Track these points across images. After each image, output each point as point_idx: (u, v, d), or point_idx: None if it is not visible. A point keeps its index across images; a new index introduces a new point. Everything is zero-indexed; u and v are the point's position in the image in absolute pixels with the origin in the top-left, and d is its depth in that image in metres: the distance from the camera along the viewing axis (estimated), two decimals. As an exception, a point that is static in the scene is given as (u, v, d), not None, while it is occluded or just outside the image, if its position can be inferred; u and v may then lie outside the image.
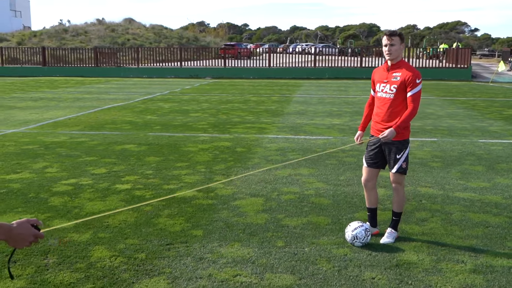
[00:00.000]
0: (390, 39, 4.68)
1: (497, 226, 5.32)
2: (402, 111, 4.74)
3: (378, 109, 4.90)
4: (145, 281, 4.03)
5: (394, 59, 4.76)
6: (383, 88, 4.82)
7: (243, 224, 5.34)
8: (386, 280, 4.07)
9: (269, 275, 4.16)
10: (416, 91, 4.71)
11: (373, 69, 5.19)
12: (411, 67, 4.80)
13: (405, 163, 4.83)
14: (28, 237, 2.08)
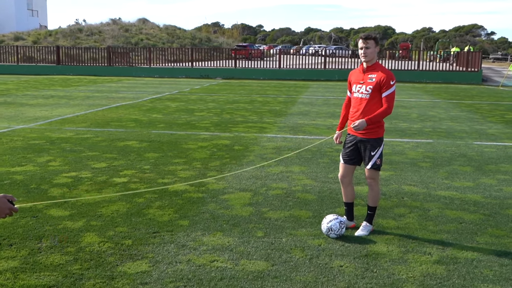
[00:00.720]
0: (366, 42, 4.95)
1: (470, 222, 5.56)
2: (376, 111, 5.00)
3: (354, 109, 5.16)
4: (128, 264, 4.35)
5: (369, 61, 5.03)
6: (359, 89, 5.09)
7: (228, 216, 5.64)
8: (352, 268, 4.35)
9: (244, 261, 4.45)
10: (390, 92, 4.97)
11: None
12: (385, 69, 5.06)
13: (379, 159, 5.09)
14: (4, 210, 2.39)
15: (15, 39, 47.81)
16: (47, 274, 4.13)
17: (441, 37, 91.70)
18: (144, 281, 4.04)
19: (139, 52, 35.78)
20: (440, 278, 4.19)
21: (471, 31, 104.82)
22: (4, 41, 46.36)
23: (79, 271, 4.20)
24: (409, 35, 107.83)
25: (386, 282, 4.10)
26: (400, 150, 9.46)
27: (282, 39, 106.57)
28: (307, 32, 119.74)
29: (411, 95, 21.33)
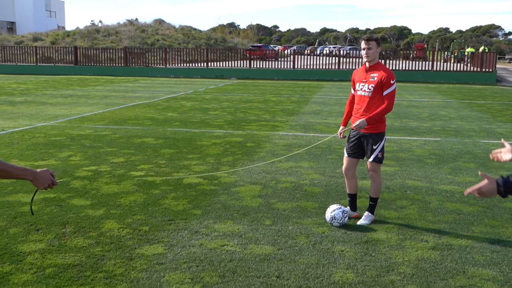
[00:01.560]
0: (368, 43, 5.27)
1: (468, 213, 5.85)
2: (378, 108, 5.32)
3: (357, 105, 5.50)
4: (146, 247, 4.73)
5: (371, 61, 5.35)
6: (362, 87, 5.42)
7: (239, 206, 6.00)
8: (353, 253, 4.68)
9: (252, 246, 4.81)
10: (391, 90, 5.29)
11: (399, 72, 5.77)
12: (386, 69, 5.38)
13: (380, 153, 5.41)
14: (47, 181, 2.79)
15: (33, 39, 48.72)
16: (72, 255, 4.53)
17: (458, 37, 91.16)
18: (160, 262, 4.42)
19: (155, 53, 36.33)
20: (434, 262, 4.50)
21: (488, 31, 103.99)
22: (23, 42, 47.30)
23: (101, 253, 4.58)
24: (425, 35, 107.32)
25: (383, 265, 4.42)
26: (407, 148, 9.74)
27: (297, 40, 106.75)
28: (322, 32, 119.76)
29: (424, 95, 21.51)
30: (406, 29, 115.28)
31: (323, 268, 4.34)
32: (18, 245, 4.74)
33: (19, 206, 5.88)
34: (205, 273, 4.21)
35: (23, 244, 4.76)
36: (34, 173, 2.78)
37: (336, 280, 4.13)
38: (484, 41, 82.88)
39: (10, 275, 4.13)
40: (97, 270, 4.24)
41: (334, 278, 4.16)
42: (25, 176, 2.77)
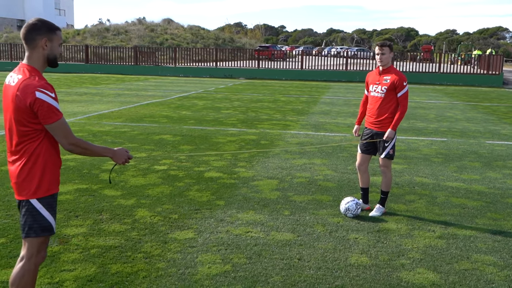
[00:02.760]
0: (381, 49, 5.73)
1: (472, 208, 6.29)
2: (390, 108, 5.77)
3: (370, 106, 5.94)
4: (177, 233, 5.20)
5: (385, 65, 5.80)
6: (375, 88, 5.87)
7: (258, 198, 6.46)
8: (366, 240, 5.13)
9: (274, 233, 5.27)
10: (404, 91, 5.74)
11: (406, 73, 6.23)
12: (398, 72, 5.82)
13: (392, 150, 5.86)
14: (124, 157, 3.33)
15: (44, 38, 49.31)
16: (111, 238, 5.00)
17: (465, 39, 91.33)
18: (191, 245, 4.88)
19: (164, 52, 36.85)
20: (440, 249, 4.95)
21: (495, 33, 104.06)
22: (35, 40, 47.90)
23: (137, 237, 5.05)
24: (432, 37, 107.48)
25: (394, 251, 4.87)
26: (415, 147, 10.17)
27: (304, 40, 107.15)
28: (329, 33, 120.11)
29: (431, 97, 21.91)
30: (413, 30, 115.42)
31: (339, 253, 4.79)
32: (62, 229, 5.21)
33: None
34: (234, 255, 4.67)
35: (66, 228, 5.23)
36: (113, 151, 3.29)
37: (352, 263, 4.58)
38: (491, 43, 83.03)
39: (60, 254, 4.60)
40: (136, 251, 4.71)
41: (350, 261, 4.61)
42: (107, 153, 3.27)
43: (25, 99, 2.98)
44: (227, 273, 4.31)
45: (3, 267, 4.33)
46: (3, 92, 3.18)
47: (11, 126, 3.12)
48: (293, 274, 4.33)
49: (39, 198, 3.14)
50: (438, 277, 4.35)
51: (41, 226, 3.16)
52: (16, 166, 3.13)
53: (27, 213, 3.15)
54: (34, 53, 3.12)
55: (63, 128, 3.07)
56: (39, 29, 3.11)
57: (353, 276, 4.31)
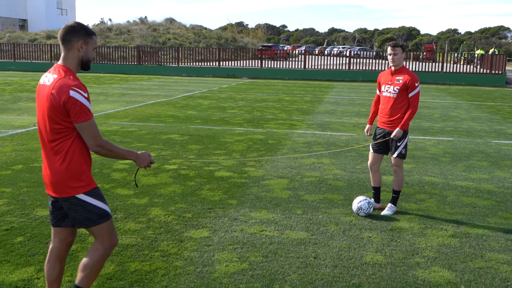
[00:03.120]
0: (394, 50, 5.76)
1: (483, 207, 6.33)
2: (402, 108, 5.81)
3: (382, 105, 5.99)
4: (192, 231, 5.24)
5: (397, 66, 5.84)
6: (387, 88, 5.91)
7: (270, 197, 6.50)
8: (379, 239, 5.17)
9: (288, 231, 5.31)
10: (416, 92, 5.78)
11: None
12: (411, 73, 5.86)
13: (404, 149, 5.90)
14: (146, 161, 3.38)
15: (47, 37, 49.40)
16: (128, 237, 5.04)
17: (467, 39, 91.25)
18: (207, 244, 4.93)
19: (167, 52, 36.88)
20: (454, 248, 4.99)
21: (497, 33, 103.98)
22: (37, 39, 48.00)
23: (153, 235, 5.10)
24: (434, 36, 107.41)
25: (408, 249, 4.92)
26: (422, 147, 10.21)
27: (306, 40, 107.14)
28: (330, 32, 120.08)
29: (435, 96, 21.94)
30: (414, 30, 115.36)
31: (354, 251, 4.84)
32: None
33: (69, 194, 6.41)
34: (250, 254, 4.71)
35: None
36: (137, 155, 3.33)
37: (368, 261, 4.62)
38: (493, 42, 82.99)
39: (78, 252, 4.65)
40: (153, 249, 4.76)
41: (366, 260, 4.65)
42: (130, 156, 3.31)
43: (60, 97, 3.05)
44: (245, 271, 4.35)
45: (23, 265, 4.37)
46: (38, 92, 3.25)
47: (45, 125, 3.18)
48: (309, 272, 4.38)
49: (86, 192, 3.24)
50: (454, 275, 4.39)
51: (97, 215, 3.28)
52: (52, 165, 3.19)
53: (78, 207, 3.24)
54: (70, 54, 3.21)
55: (92, 128, 3.13)
56: (77, 31, 3.20)
57: (370, 275, 4.35)
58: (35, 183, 6.91)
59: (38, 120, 3.26)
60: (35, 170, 7.60)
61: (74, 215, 3.26)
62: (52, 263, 3.47)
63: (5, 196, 6.30)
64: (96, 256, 3.33)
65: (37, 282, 4.08)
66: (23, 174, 7.37)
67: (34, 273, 4.24)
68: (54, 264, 3.48)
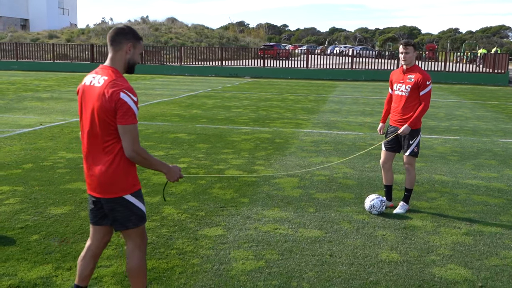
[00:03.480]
0: (405, 48, 5.77)
1: (495, 205, 6.34)
2: (414, 106, 5.82)
3: (395, 104, 5.99)
4: (206, 229, 5.25)
5: (408, 64, 5.85)
6: (399, 87, 5.91)
7: (281, 196, 6.52)
8: (394, 237, 5.18)
9: (302, 229, 5.32)
10: (427, 90, 5.79)
11: None
12: (422, 71, 5.86)
13: (416, 147, 5.91)
14: (177, 175, 3.34)
15: (49, 37, 49.45)
16: (143, 235, 5.05)
17: (468, 38, 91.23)
18: (222, 242, 4.94)
19: (169, 51, 36.89)
20: (468, 245, 5.00)
21: (498, 32, 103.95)
22: (39, 39, 48.03)
23: (168, 234, 5.11)
24: (435, 35, 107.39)
25: (423, 247, 4.93)
26: (429, 145, 10.21)
27: (307, 39, 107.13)
28: (331, 32, 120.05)
29: (438, 95, 21.93)
30: (415, 29, 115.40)
31: (369, 249, 4.85)
32: (92, 226, 5.26)
33: (81, 193, 6.43)
34: (266, 251, 4.73)
35: (96, 225, 5.28)
36: (169, 168, 3.32)
37: (383, 259, 4.63)
38: (495, 42, 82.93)
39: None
40: (169, 247, 4.77)
41: (381, 257, 4.67)
42: (162, 169, 3.30)
43: (111, 98, 3.07)
44: (262, 269, 4.36)
45: (40, 263, 4.39)
46: (84, 93, 3.24)
47: (93, 126, 3.18)
48: (326, 270, 4.39)
49: (132, 193, 3.26)
50: (470, 272, 4.40)
51: (138, 217, 3.31)
52: (102, 165, 3.19)
53: (122, 208, 3.26)
54: (118, 56, 3.24)
55: (134, 134, 3.12)
56: (127, 34, 3.24)
57: (386, 272, 4.37)
58: (47, 181, 6.93)
59: (83, 120, 3.25)
60: (45, 169, 7.62)
61: (116, 215, 3.27)
62: (88, 260, 3.50)
63: (17, 194, 6.32)
64: (137, 259, 3.37)
65: (55, 279, 4.10)
66: (34, 173, 7.39)
67: (52, 270, 4.25)
68: (89, 261, 3.50)
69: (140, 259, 3.38)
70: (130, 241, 3.37)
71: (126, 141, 3.12)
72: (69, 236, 5.01)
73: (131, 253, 3.38)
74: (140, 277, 3.41)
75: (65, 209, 5.80)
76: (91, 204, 3.40)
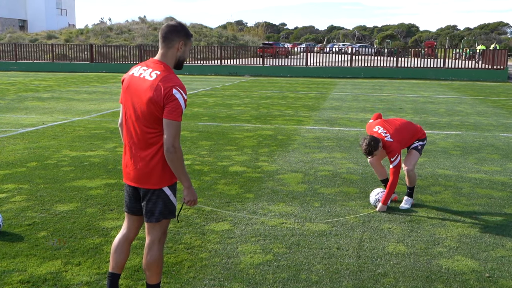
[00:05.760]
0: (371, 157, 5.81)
1: (499, 198, 6.37)
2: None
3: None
4: (213, 224, 5.28)
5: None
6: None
7: (286, 191, 6.54)
8: (400, 230, 5.21)
9: (309, 224, 5.35)
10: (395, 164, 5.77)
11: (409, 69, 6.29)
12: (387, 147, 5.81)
13: (420, 146, 5.96)
14: (194, 196, 3.34)
15: (48, 37, 49.42)
16: (150, 230, 5.06)
17: (466, 35, 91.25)
18: (230, 236, 4.96)
19: (169, 50, 36.78)
20: (474, 237, 5.03)
21: (496, 28, 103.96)
22: (38, 40, 48.01)
23: (175, 229, 5.13)
24: (433, 33, 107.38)
25: (429, 239, 4.95)
26: (431, 141, 10.24)
27: (306, 37, 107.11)
28: (330, 30, 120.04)
29: (438, 92, 21.97)
30: (413, 26, 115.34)
31: (376, 242, 4.87)
32: (99, 222, 5.29)
33: (87, 190, 6.45)
34: (273, 245, 4.75)
35: (103, 222, 5.31)
36: (191, 185, 3.31)
37: (390, 251, 4.66)
38: (493, 38, 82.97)
39: (102, 246, 4.69)
40: (177, 242, 4.79)
41: (388, 250, 4.69)
42: (185, 181, 3.27)
43: (164, 91, 3.10)
44: (270, 262, 4.39)
45: (49, 259, 4.41)
46: (132, 83, 3.27)
47: (138, 117, 3.21)
48: (334, 262, 4.41)
49: (169, 185, 3.31)
50: (477, 264, 4.43)
51: (170, 210, 3.36)
52: (145, 156, 3.24)
53: (158, 200, 3.30)
54: (169, 52, 3.27)
55: (177, 129, 3.15)
56: (179, 31, 3.27)
57: (394, 264, 4.39)
58: (51, 179, 6.95)
59: (128, 110, 3.28)
60: (49, 167, 7.64)
61: (152, 207, 3.31)
62: (122, 248, 3.51)
63: (23, 192, 6.34)
64: (157, 252, 3.40)
65: (65, 274, 4.12)
66: (38, 171, 7.40)
67: (62, 266, 4.27)
68: (125, 249, 3.52)
69: (159, 252, 3.41)
70: (152, 234, 3.39)
71: (168, 135, 3.13)
72: (77, 232, 5.02)
73: (151, 246, 3.40)
74: (158, 269, 3.44)
75: (71, 206, 5.82)
76: (129, 195, 3.44)
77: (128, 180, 3.38)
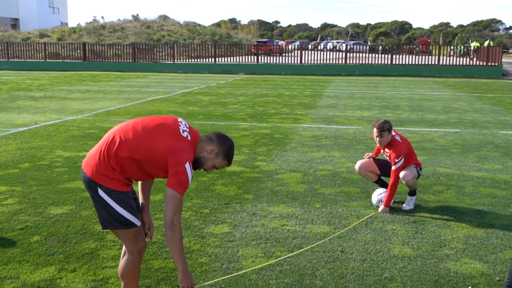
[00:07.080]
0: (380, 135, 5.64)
1: (503, 197, 6.25)
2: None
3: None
4: (212, 227, 5.12)
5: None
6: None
7: (286, 191, 6.39)
8: (404, 231, 5.07)
9: (310, 225, 5.20)
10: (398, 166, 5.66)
11: (404, 67, 6.14)
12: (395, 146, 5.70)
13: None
14: (190, 282, 3.06)
15: (40, 36, 48.97)
16: (147, 234, 4.90)
17: (459, 32, 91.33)
18: (229, 239, 4.81)
19: (162, 48, 36.63)
20: (481, 239, 4.89)
21: (489, 25, 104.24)
22: (30, 38, 47.56)
23: (173, 232, 4.96)
24: (427, 30, 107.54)
25: (435, 241, 4.82)
26: (430, 138, 10.12)
27: (299, 35, 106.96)
28: (323, 27, 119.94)
29: (433, 89, 21.88)
30: (407, 23, 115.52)
31: (381, 244, 4.73)
32: (94, 226, 5.12)
33: (81, 192, 6.27)
34: (275, 249, 4.60)
35: (98, 225, 5.13)
36: (186, 269, 3.04)
37: (396, 254, 4.52)
38: (486, 35, 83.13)
39: (98, 251, 4.52)
40: (175, 246, 4.62)
41: (393, 252, 4.55)
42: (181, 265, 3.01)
43: (175, 160, 3.03)
44: (272, 267, 4.23)
45: (43, 265, 4.24)
46: (164, 119, 3.26)
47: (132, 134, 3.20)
48: (338, 266, 4.27)
49: (108, 192, 3.13)
50: (486, 266, 4.29)
51: (117, 220, 3.16)
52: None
53: (99, 206, 3.16)
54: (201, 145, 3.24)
55: (178, 203, 3.02)
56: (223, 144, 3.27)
57: (400, 268, 4.25)
58: (45, 181, 6.77)
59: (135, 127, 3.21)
60: (42, 168, 7.45)
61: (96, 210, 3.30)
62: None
63: (15, 194, 6.15)
64: (124, 263, 3.35)
65: (59, 282, 3.95)
66: (31, 172, 7.22)
67: (56, 272, 4.10)
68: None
69: (128, 264, 3.25)
70: (122, 242, 3.30)
71: (169, 209, 2.99)
72: (71, 237, 4.86)
73: (123, 255, 3.31)
74: (128, 280, 3.30)
75: (65, 209, 5.65)
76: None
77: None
